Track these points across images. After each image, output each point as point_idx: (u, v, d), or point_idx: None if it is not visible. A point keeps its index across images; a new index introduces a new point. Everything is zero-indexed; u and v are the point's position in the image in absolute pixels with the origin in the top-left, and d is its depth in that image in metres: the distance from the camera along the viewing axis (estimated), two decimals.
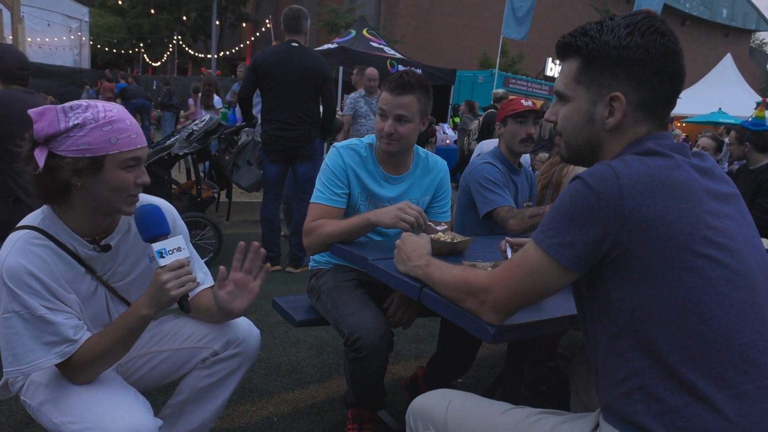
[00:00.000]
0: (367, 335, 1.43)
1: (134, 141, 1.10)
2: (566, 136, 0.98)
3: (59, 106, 1.07)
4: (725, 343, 0.79)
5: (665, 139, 0.91)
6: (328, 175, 1.69)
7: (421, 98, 1.66)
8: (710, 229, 0.81)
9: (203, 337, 1.31)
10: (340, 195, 1.68)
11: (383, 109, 1.65)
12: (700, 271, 0.80)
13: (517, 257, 0.95)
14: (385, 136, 1.65)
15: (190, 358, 1.31)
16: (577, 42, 0.93)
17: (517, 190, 2.20)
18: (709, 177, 0.88)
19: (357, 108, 4.89)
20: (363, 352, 1.43)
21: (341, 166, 1.69)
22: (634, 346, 0.83)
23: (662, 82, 0.90)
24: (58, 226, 1.12)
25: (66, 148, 1.05)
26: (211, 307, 1.28)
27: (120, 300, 1.25)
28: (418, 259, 1.20)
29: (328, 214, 1.64)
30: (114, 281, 1.22)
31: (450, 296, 1.08)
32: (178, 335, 1.33)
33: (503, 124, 2.17)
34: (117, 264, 1.21)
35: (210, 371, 1.30)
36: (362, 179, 1.71)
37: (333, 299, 1.63)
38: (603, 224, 0.82)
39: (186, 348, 1.31)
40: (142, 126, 3.71)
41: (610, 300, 0.86)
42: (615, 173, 0.83)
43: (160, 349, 1.33)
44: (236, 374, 1.34)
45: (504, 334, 1.01)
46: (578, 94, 0.95)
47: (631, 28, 0.89)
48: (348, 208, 1.71)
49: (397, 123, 1.64)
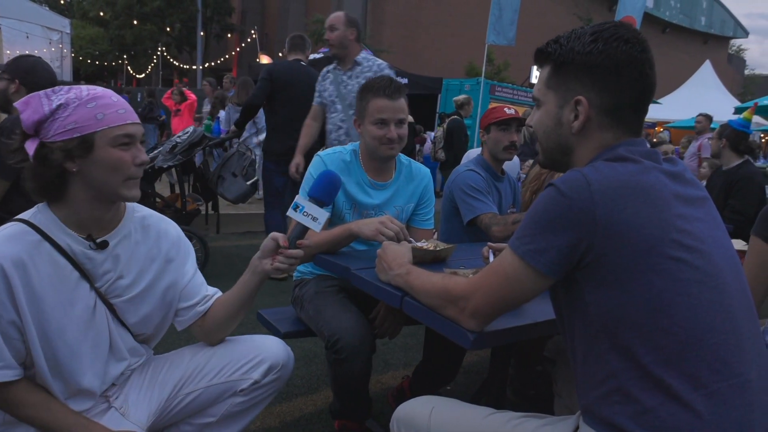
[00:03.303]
0: (346, 336, 1.44)
1: (123, 116, 1.07)
2: (540, 139, 1.03)
3: (42, 91, 1.05)
4: (697, 343, 0.81)
5: (637, 145, 0.94)
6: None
7: (406, 101, 1.71)
8: (679, 232, 0.84)
9: (241, 366, 1.23)
10: None
11: (383, 117, 1.65)
12: (671, 273, 0.82)
13: (495, 264, 0.97)
14: (387, 142, 1.66)
15: (226, 390, 1.23)
16: (548, 48, 0.98)
17: (500, 196, 2.24)
18: (678, 181, 0.91)
19: (323, 94, 3.18)
20: (343, 354, 1.44)
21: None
22: (610, 349, 0.85)
23: (625, 88, 0.93)
24: (50, 221, 1.06)
25: (54, 133, 1.02)
26: (225, 314, 1.25)
27: (120, 323, 1.17)
28: (398, 268, 1.22)
29: None
30: (113, 296, 1.14)
31: (430, 304, 1.09)
32: (210, 368, 1.23)
33: (486, 132, 2.21)
34: (117, 274, 1.14)
35: (247, 398, 1.24)
36: (347, 188, 1.72)
37: (315, 305, 1.64)
38: (576, 230, 0.85)
39: (221, 383, 1.22)
40: None
41: (585, 304, 0.88)
42: (586, 180, 0.85)
43: (193, 389, 1.23)
44: (271, 398, 1.29)
45: (484, 340, 1.02)
46: (549, 98, 0.99)
47: (596, 36, 0.93)
48: (332, 216, 1.73)
49: (397, 127, 1.67)
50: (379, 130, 1.66)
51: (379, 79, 1.68)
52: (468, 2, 22.89)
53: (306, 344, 2.60)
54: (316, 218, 1.19)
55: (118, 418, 1.17)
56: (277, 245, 1.19)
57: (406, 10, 22.11)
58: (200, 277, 1.30)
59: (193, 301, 1.26)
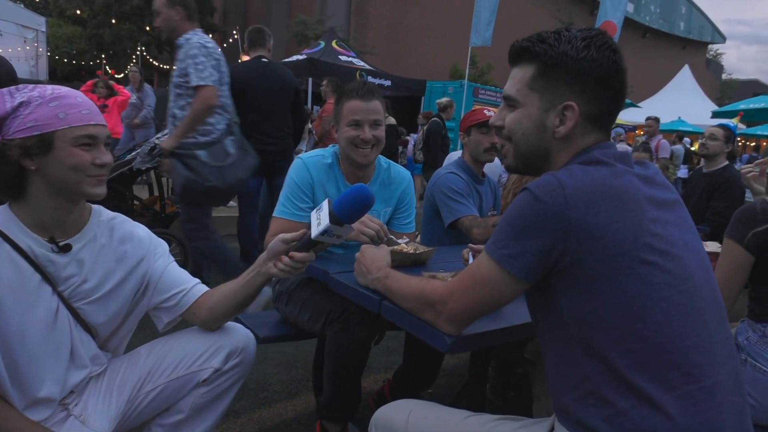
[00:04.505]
0: (352, 306, 1.43)
1: (86, 117, 1.06)
2: (516, 141, 1.00)
3: (5, 88, 1.04)
4: (669, 346, 0.83)
5: (610, 148, 0.95)
6: (293, 188, 1.69)
7: (383, 104, 1.70)
8: (652, 235, 0.85)
9: (199, 356, 1.22)
10: (304, 209, 1.68)
11: (357, 119, 1.64)
12: (644, 277, 0.83)
13: (471, 268, 0.98)
14: (361, 143, 1.64)
15: (187, 383, 1.22)
16: (535, 48, 0.95)
17: (481, 199, 2.25)
18: (650, 185, 0.93)
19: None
20: (352, 321, 1.44)
21: (307, 180, 1.69)
22: (584, 352, 0.86)
23: (609, 97, 0.94)
24: (11, 222, 1.05)
25: (15, 129, 1.01)
26: (214, 306, 1.24)
27: (83, 327, 1.15)
28: (377, 272, 1.22)
29: (290, 230, 1.63)
30: (77, 299, 1.13)
31: (408, 308, 1.09)
32: (168, 363, 1.22)
33: (467, 134, 2.23)
34: (81, 278, 1.12)
35: (211, 387, 1.23)
36: (327, 191, 1.71)
37: (310, 289, 1.63)
38: (550, 234, 0.85)
39: (181, 376, 1.21)
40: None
41: (560, 308, 0.89)
42: (560, 184, 0.86)
43: (153, 387, 1.21)
44: (237, 384, 1.28)
45: (461, 344, 1.03)
46: (530, 100, 0.97)
47: (588, 42, 0.92)
48: None
49: (372, 129, 1.65)
50: (354, 131, 1.65)
51: (354, 82, 1.69)
52: (452, 4, 23.08)
53: (286, 348, 2.59)
54: (338, 236, 1.11)
55: (78, 426, 1.15)
56: (284, 247, 1.18)
57: (390, 11, 22.18)
58: (178, 271, 1.29)
59: (169, 293, 1.25)
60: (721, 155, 3.41)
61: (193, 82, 2.59)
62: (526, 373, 2.29)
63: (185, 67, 2.62)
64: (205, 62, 2.62)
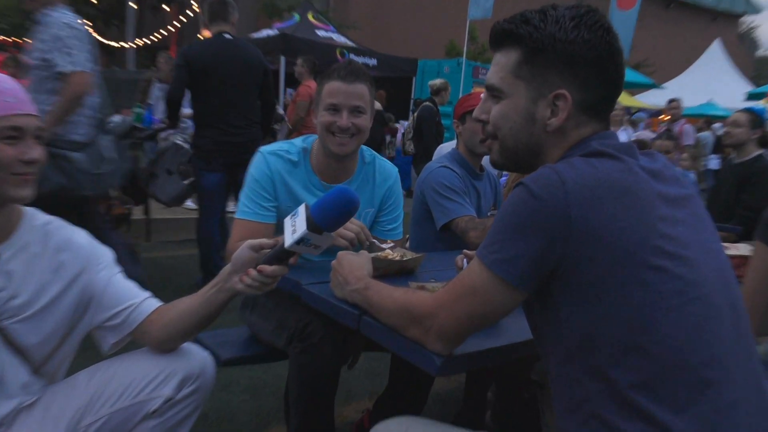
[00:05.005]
0: (317, 321, 1.45)
1: (11, 106, 1.05)
2: (502, 137, 1.02)
3: None
4: (678, 362, 0.85)
5: (609, 138, 0.97)
6: (253, 185, 1.71)
7: (370, 89, 1.72)
8: (661, 237, 0.87)
9: (148, 383, 1.20)
10: (268, 208, 1.70)
11: (334, 102, 1.65)
12: (651, 284, 0.85)
13: (462, 277, 0.99)
14: (338, 131, 1.65)
15: (134, 414, 1.19)
16: (519, 30, 0.97)
17: (479, 197, 2.28)
18: (659, 179, 0.95)
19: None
20: (315, 337, 1.45)
21: (267, 174, 1.71)
22: (585, 370, 0.88)
23: (604, 83, 0.97)
24: None
25: None
26: (168, 323, 1.24)
27: (12, 350, 1.13)
28: (356, 282, 1.23)
29: (255, 232, 1.64)
30: (5, 317, 1.12)
31: (391, 324, 1.11)
32: (112, 391, 1.19)
33: (461, 122, 2.25)
34: (10, 292, 1.12)
35: (162, 419, 1.21)
36: (293, 190, 1.73)
37: (275, 298, 1.64)
38: (548, 235, 0.87)
39: (127, 407, 1.19)
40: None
41: (558, 320, 0.91)
42: (560, 178, 0.88)
43: (95, 419, 1.19)
44: (193, 415, 1.27)
45: (453, 364, 1.04)
46: (516, 89, 0.99)
47: (577, 21, 0.94)
48: (278, 224, 1.72)
49: (352, 116, 1.66)
50: (330, 116, 1.66)
51: (339, 63, 1.71)
52: None
53: (254, 373, 2.58)
54: (317, 246, 1.10)
55: None
56: (252, 257, 1.17)
57: None
58: (124, 283, 1.29)
59: (114, 309, 1.24)
60: (750, 143, 3.49)
61: (63, 68, 2.55)
62: (534, 398, 2.30)
63: (49, 50, 2.56)
64: (78, 45, 2.59)
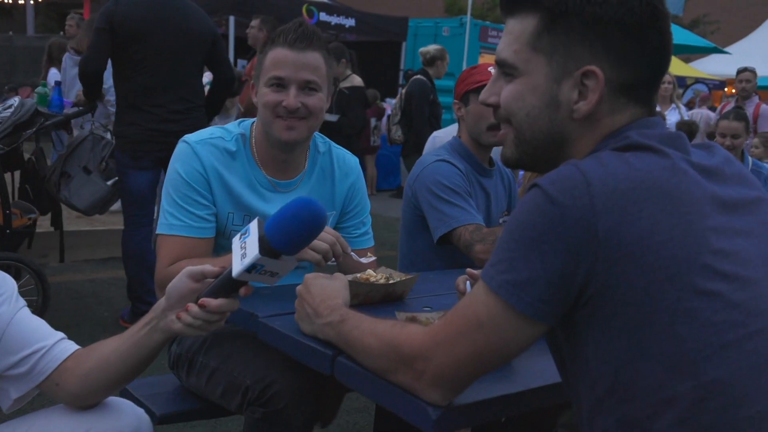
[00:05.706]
0: (282, 379, 1.43)
1: None
2: (517, 126, 1.01)
3: None
4: (732, 413, 0.85)
5: (652, 127, 0.96)
6: (181, 188, 1.66)
7: (327, 59, 1.70)
8: (714, 253, 0.87)
9: None
10: (205, 218, 1.67)
11: (279, 75, 1.62)
12: (699, 314, 0.85)
13: (463, 305, 0.99)
14: (285, 113, 1.63)
15: None
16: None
17: (488, 199, 2.27)
18: (716, 179, 0.94)
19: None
20: (281, 402, 1.43)
21: (198, 170, 1.67)
22: (619, 422, 0.88)
23: (647, 57, 0.96)
24: None
25: None
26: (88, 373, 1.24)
27: None
28: (329, 314, 1.21)
29: (191, 251, 1.63)
30: None
31: (374, 367, 1.10)
32: None
33: (464, 103, 2.24)
34: None
35: None
36: (233, 189, 1.70)
37: (220, 352, 1.61)
38: (571, 251, 0.86)
39: None
40: None
41: (586, 359, 0.90)
42: (584, 178, 0.87)
43: None
44: None
45: (452, 418, 1.03)
46: (534, 66, 0.98)
47: None
48: (217, 236, 1.70)
49: (302, 93, 1.63)
50: (274, 93, 1.63)
51: (287, 25, 1.67)
52: None
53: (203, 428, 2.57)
54: (274, 273, 1.11)
55: None
56: (192, 288, 1.17)
57: None
58: (31, 321, 1.28)
59: (18, 355, 1.23)
60: None
61: None
62: None
63: None
64: None
